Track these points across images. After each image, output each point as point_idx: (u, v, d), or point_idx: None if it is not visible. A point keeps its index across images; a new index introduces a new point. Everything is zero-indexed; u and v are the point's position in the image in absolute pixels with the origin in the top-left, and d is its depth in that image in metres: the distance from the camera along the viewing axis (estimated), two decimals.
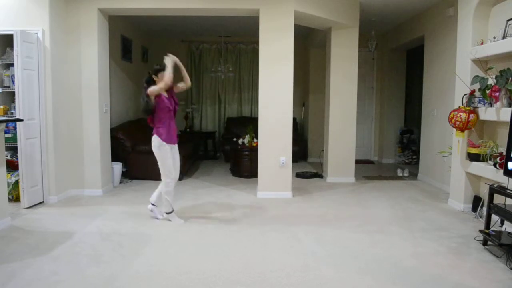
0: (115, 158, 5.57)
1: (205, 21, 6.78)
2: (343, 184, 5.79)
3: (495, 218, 3.45)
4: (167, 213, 3.97)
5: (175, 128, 3.95)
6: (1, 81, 4.58)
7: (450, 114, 4.19)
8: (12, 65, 4.34)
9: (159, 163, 3.88)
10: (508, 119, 3.33)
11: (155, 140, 3.82)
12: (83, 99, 4.90)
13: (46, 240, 3.37)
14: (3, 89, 4.51)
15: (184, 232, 3.68)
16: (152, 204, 4.07)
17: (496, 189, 3.31)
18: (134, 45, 7.14)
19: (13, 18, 4.39)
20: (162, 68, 3.79)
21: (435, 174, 5.69)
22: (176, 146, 4.00)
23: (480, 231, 3.40)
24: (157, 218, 4.03)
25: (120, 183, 5.65)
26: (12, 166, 4.52)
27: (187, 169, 6.33)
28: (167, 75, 3.72)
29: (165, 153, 3.83)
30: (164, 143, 3.81)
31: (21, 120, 4.04)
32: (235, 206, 4.58)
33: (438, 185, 5.54)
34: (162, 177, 3.91)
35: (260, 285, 2.61)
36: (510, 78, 3.60)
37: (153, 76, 3.83)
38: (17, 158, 4.37)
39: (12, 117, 4.40)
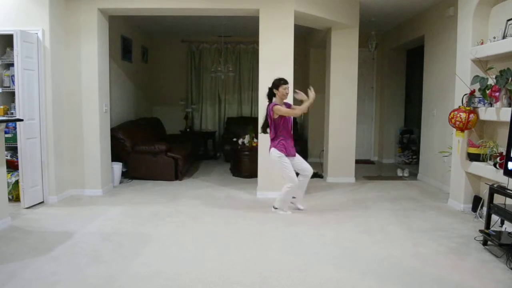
0: (115, 158, 5.57)
1: (205, 21, 6.77)
2: (343, 184, 5.79)
3: (495, 218, 3.45)
4: (275, 208, 4.27)
5: (292, 140, 4.21)
6: (1, 81, 4.58)
7: (450, 114, 4.19)
8: (12, 65, 4.34)
9: (280, 172, 4.14)
10: (508, 119, 3.32)
11: (274, 152, 4.09)
12: (83, 99, 4.90)
13: (46, 240, 3.37)
14: (3, 89, 4.51)
15: (184, 232, 3.68)
16: (293, 200, 4.38)
17: (496, 189, 3.31)
18: (134, 45, 7.14)
19: (13, 18, 4.39)
20: (283, 82, 4.05)
21: (435, 174, 5.68)
22: (296, 157, 4.24)
23: (480, 231, 3.40)
24: (299, 209, 4.38)
25: (120, 183, 5.65)
26: (12, 166, 4.52)
27: (187, 169, 6.33)
28: (300, 109, 4.08)
29: (284, 161, 4.07)
30: (283, 154, 4.07)
31: (21, 120, 4.03)
32: (235, 206, 4.58)
33: (438, 185, 5.53)
34: (287, 183, 4.11)
35: (260, 285, 2.61)
36: (510, 78, 3.60)
37: (274, 89, 4.07)
38: (17, 158, 4.37)
39: (12, 117, 4.40)
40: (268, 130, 4.19)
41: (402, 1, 5.52)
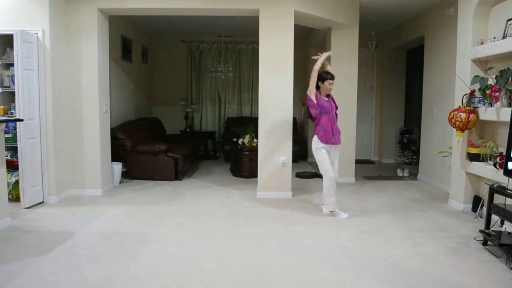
0: (115, 158, 5.57)
1: (205, 21, 6.77)
2: (343, 184, 5.78)
3: (495, 218, 3.45)
4: (330, 211, 4.16)
5: (336, 129, 4.15)
6: (1, 81, 4.58)
7: (450, 114, 4.19)
8: (12, 65, 4.33)
9: (317, 162, 4.17)
10: (508, 119, 3.32)
11: (314, 142, 4.13)
12: (83, 99, 4.90)
13: (46, 240, 3.37)
14: (3, 89, 4.51)
15: (184, 232, 3.68)
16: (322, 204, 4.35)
17: (496, 189, 3.31)
18: (134, 45, 7.14)
19: (13, 18, 4.38)
20: (329, 77, 4.08)
21: (435, 174, 5.68)
22: (337, 147, 4.20)
23: (480, 231, 3.40)
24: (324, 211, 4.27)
25: (120, 183, 5.65)
26: (12, 166, 4.52)
27: (187, 169, 6.33)
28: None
29: (321, 154, 4.07)
30: (322, 144, 4.06)
31: (21, 120, 4.03)
32: (235, 206, 4.58)
33: (438, 185, 5.53)
34: (324, 179, 4.14)
35: (260, 285, 2.61)
36: (510, 78, 3.60)
37: (319, 82, 4.09)
38: (17, 158, 4.37)
39: (12, 117, 4.40)
40: (313, 117, 4.19)
41: (402, 1, 5.52)
